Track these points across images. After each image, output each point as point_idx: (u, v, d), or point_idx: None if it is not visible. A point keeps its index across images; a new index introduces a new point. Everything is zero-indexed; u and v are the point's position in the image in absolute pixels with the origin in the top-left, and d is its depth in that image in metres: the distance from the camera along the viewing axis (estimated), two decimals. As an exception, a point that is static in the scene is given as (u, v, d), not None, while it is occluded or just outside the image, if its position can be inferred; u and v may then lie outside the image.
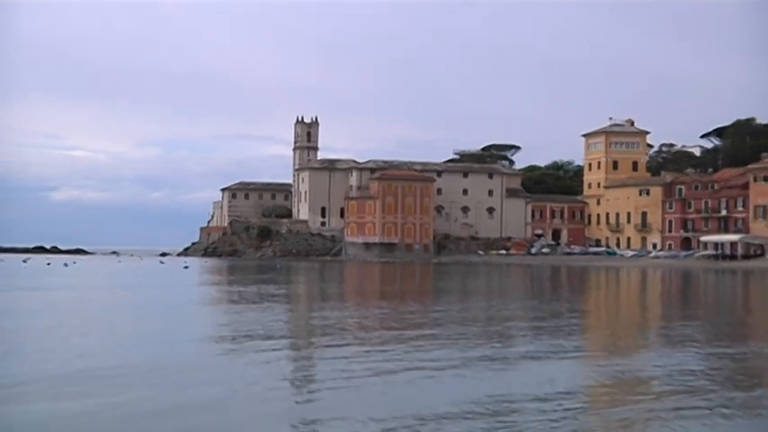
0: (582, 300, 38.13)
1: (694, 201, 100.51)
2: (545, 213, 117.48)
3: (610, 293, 45.98)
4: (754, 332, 22.17)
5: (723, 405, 9.63)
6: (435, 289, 44.74)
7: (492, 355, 14.56)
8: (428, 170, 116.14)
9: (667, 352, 15.75)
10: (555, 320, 23.42)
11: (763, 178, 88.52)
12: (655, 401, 10.09)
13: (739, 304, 36.75)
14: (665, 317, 28.06)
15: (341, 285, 49.73)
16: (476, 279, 56.86)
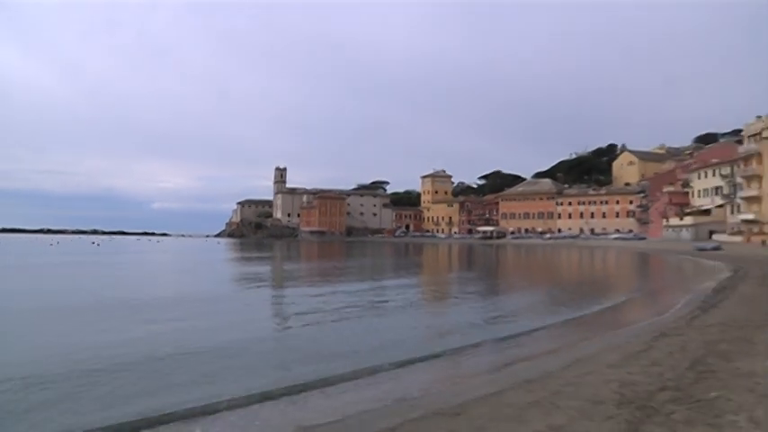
0: (419, 257, 73.28)
1: (474, 210, 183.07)
2: (402, 216, 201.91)
3: (432, 255, 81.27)
4: (502, 272, 46.85)
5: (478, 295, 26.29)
6: (348, 254, 79.87)
7: (376, 284, 32.16)
8: (343, 193, 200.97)
9: (465, 281, 35.59)
10: (405, 264, 55.07)
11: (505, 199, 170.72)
12: (454, 298, 26.28)
13: (494, 259, 69.71)
14: (461, 266, 54.79)
15: (299, 252, 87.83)
16: (366, 248, 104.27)
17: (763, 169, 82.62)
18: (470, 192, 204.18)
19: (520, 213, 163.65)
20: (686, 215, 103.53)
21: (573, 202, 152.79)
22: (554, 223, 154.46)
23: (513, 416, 7.03)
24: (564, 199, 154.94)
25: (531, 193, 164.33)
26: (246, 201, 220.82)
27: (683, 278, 35.22)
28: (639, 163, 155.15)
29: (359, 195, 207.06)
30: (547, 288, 31.50)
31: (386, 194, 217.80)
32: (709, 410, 6.46)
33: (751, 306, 17.00)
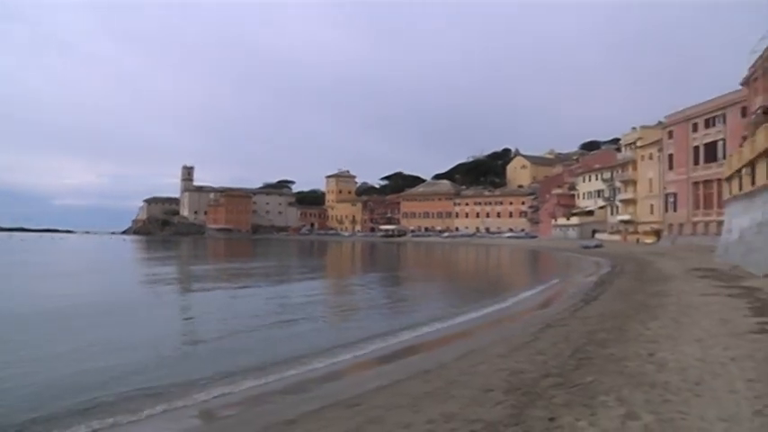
0: (324, 256, 74.24)
1: (376, 209, 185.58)
2: (307, 215, 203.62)
3: (337, 252, 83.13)
4: (404, 268, 50.44)
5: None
6: (254, 253, 76.65)
7: (282, 281, 33.75)
8: (250, 192, 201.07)
9: (368, 278, 36.72)
10: (311, 265, 51.94)
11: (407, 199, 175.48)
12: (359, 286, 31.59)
13: (395, 255, 74.80)
14: (366, 264, 56.90)
15: (205, 251, 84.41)
16: (272, 247, 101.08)
17: (638, 175, 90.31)
18: (373, 192, 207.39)
19: (420, 213, 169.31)
20: (572, 215, 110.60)
21: (470, 203, 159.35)
22: (452, 222, 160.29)
23: (409, 405, 7.28)
24: (462, 199, 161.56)
25: (430, 194, 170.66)
26: (153, 198, 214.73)
27: (569, 273, 38.19)
28: (531, 167, 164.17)
29: (265, 194, 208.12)
30: (446, 283, 34.07)
31: (292, 193, 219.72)
32: (585, 393, 6.75)
33: (625, 298, 18.46)
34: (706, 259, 35.59)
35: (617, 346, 9.65)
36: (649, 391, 6.44)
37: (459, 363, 10.17)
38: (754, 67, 48.98)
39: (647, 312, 13.68)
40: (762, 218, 25.97)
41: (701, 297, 15.93)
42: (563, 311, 16.93)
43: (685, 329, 10.51)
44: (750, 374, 6.75)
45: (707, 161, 67.54)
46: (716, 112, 67.05)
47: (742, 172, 32.46)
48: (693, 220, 69.24)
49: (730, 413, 5.41)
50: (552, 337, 11.74)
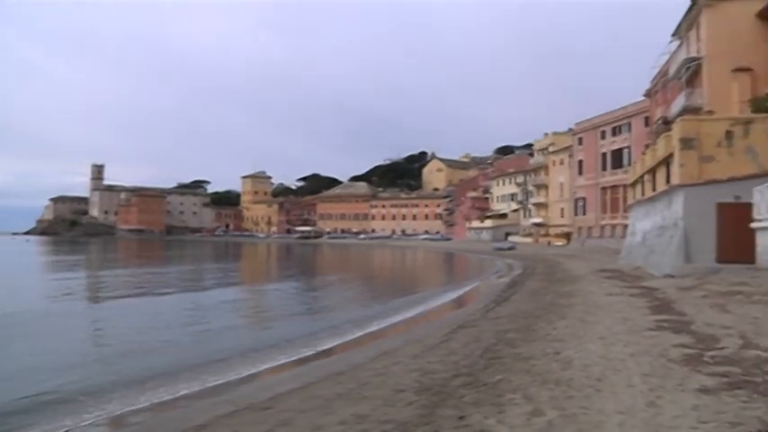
0: (239, 259, 70.20)
1: (293, 211, 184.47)
2: (222, 215, 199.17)
3: (252, 254, 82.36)
4: (321, 269, 51.85)
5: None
6: (167, 256, 73.30)
7: (197, 288, 31.69)
8: (164, 192, 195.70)
9: (285, 280, 37.08)
10: (225, 269, 47.79)
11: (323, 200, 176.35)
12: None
13: (311, 257, 73.33)
14: (280, 264, 58.49)
15: (116, 254, 77.90)
16: (186, 248, 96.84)
17: (549, 179, 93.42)
18: (290, 193, 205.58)
19: (337, 214, 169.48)
20: (487, 218, 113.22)
21: (386, 205, 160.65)
22: (369, 224, 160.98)
23: (321, 407, 7.31)
24: (378, 202, 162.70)
25: (347, 196, 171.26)
26: (61, 197, 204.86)
27: (482, 275, 38.94)
28: (447, 170, 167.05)
29: (179, 194, 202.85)
30: (363, 286, 33.98)
31: (206, 194, 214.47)
32: (493, 392, 6.86)
33: (536, 299, 18.93)
34: (612, 261, 37.12)
35: (525, 345, 9.87)
36: (554, 388, 6.67)
37: (372, 364, 10.22)
38: (655, 80, 51.64)
39: (556, 312, 14.13)
40: (662, 222, 27.36)
41: (606, 297, 16.60)
42: (475, 312, 17.25)
43: (590, 328, 10.94)
44: (646, 369, 7.13)
45: (614, 167, 70.56)
46: (622, 120, 70.21)
47: (644, 178, 34.12)
48: (601, 223, 72.13)
49: (627, 406, 5.69)
50: (464, 337, 11.94)
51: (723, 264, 20.81)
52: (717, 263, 21.34)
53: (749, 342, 8.20)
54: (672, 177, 26.18)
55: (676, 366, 7.17)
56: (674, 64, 42.40)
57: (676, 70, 41.02)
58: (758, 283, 15.71)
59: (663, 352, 8.04)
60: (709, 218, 22.57)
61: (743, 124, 24.39)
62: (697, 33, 38.00)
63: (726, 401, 5.53)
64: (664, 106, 46.20)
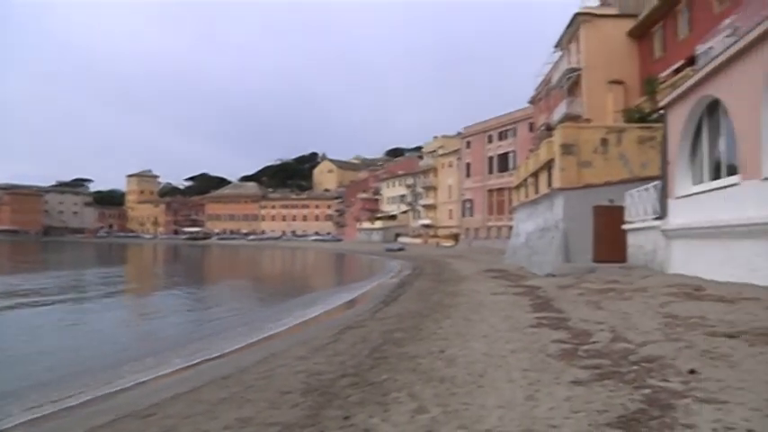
0: (123, 263, 63.94)
1: (180, 211, 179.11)
2: (106, 216, 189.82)
3: (137, 257, 76.95)
4: (206, 269, 52.01)
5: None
6: (42, 260, 63.45)
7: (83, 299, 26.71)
8: (40, 190, 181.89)
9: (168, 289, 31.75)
10: (109, 276, 41.04)
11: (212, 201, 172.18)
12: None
13: (200, 258, 71.81)
14: (167, 267, 56.02)
15: None
16: (65, 252, 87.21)
17: (438, 182, 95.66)
18: (177, 193, 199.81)
19: (226, 215, 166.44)
20: (377, 219, 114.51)
21: (277, 206, 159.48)
22: (259, 225, 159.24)
23: (205, 412, 7.19)
24: (268, 202, 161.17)
25: (237, 196, 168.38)
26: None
27: (372, 275, 39.04)
28: (338, 171, 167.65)
29: (59, 193, 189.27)
30: (251, 287, 33.57)
31: (89, 193, 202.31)
32: (379, 391, 6.86)
33: (423, 298, 19.05)
34: (497, 261, 38.40)
35: (412, 344, 9.95)
36: (438, 386, 6.76)
37: (258, 367, 10.12)
38: (539, 89, 53.98)
39: (442, 311, 14.37)
40: (544, 223, 28.61)
41: (491, 296, 17.08)
42: (364, 313, 17.28)
43: (474, 326, 11.21)
44: (525, 364, 7.39)
45: (500, 170, 73.17)
46: (508, 125, 72.93)
47: (528, 182, 35.56)
48: (488, 224, 74.55)
49: (506, 400, 5.87)
50: (352, 337, 11.90)
51: (599, 263, 21.98)
52: (593, 262, 22.53)
53: (618, 336, 8.69)
54: (553, 181, 27.44)
55: (553, 361, 7.45)
56: (556, 74, 44.52)
57: (558, 80, 43.10)
58: (628, 280, 16.67)
59: (542, 348, 8.34)
60: (586, 220, 23.82)
61: (616, 133, 25.95)
62: (577, 46, 40.08)
63: (595, 391, 5.82)
64: (547, 113, 48.37)
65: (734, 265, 13.55)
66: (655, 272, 18.01)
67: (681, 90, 17.24)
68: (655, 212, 19.18)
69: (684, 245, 16.91)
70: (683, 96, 17.11)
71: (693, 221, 16.00)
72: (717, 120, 15.73)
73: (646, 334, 8.61)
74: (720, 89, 14.85)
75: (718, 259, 14.52)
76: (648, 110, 28.46)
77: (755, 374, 5.94)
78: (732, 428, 4.48)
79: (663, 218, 18.29)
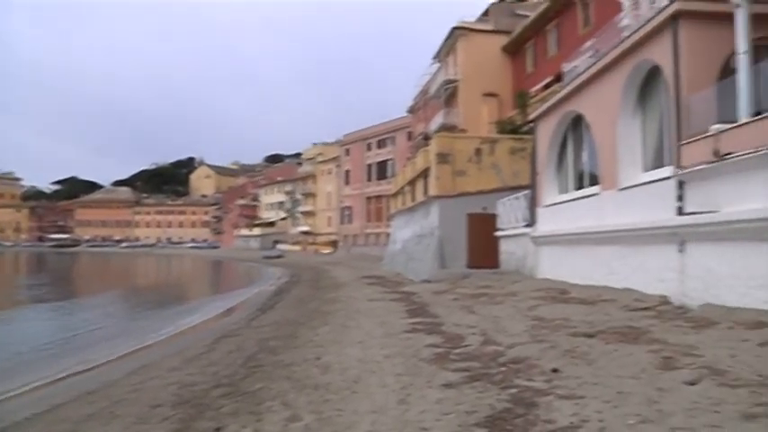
0: None
1: (46, 217, 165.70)
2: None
3: None
4: (75, 279, 48.73)
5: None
6: None
7: None
8: None
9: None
10: None
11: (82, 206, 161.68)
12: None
13: (66, 267, 66.56)
14: (30, 274, 53.33)
15: None
16: None
17: (317, 188, 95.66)
18: (43, 197, 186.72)
19: (97, 221, 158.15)
20: (255, 226, 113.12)
21: (151, 212, 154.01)
22: (132, 232, 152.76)
23: (68, 431, 6.88)
24: (143, 208, 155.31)
25: (109, 201, 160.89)
26: None
27: (250, 283, 38.44)
28: (216, 176, 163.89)
29: None
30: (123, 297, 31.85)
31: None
32: (253, 400, 6.79)
33: (301, 306, 18.97)
34: (375, 267, 38.76)
35: (287, 352, 9.89)
36: (312, 393, 6.75)
37: (127, 380, 9.67)
38: (418, 98, 55.21)
39: (319, 318, 14.34)
40: (420, 230, 29.22)
41: (368, 302, 17.21)
42: (240, 321, 16.96)
43: (350, 333, 11.26)
44: (399, 369, 7.50)
45: (378, 178, 74.10)
46: (387, 134, 74.06)
47: (405, 189, 36.23)
48: (366, 231, 75.23)
49: (379, 405, 5.95)
50: (227, 347, 11.68)
51: (473, 269, 22.72)
52: (468, 268, 23.26)
53: (489, 339, 9.02)
54: (429, 189, 28.12)
55: (426, 365, 7.62)
56: (434, 84, 45.70)
57: (436, 90, 44.26)
58: (500, 285, 17.35)
59: (415, 352, 8.51)
60: (461, 227, 24.57)
61: (490, 143, 27.00)
62: (454, 59, 41.35)
63: (465, 393, 6.00)
64: (425, 123, 49.52)
65: (595, 269, 14.42)
66: (525, 277, 18.85)
67: (548, 105, 18.21)
68: (525, 220, 20.10)
69: (551, 251, 17.81)
70: (550, 111, 18.07)
71: (559, 229, 16.90)
72: (580, 133, 16.73)
73: (514, 336, 9.00)
74: (583, 105, 15.81)
75: (581, 264, 15.40)
76: (520, 122, 29.75)
77: (609, 370, 6.39)
78: (587, 420, 4.78)
79: (532, 225, 19.19)
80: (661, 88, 12.18)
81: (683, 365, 6.25)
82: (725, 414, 4.60)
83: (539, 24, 35.61)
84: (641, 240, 12.40)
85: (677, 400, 5.08)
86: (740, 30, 9.91)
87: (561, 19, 33.21)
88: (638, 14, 14.76)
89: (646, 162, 13.04)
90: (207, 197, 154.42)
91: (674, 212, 10.97)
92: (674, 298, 10.84)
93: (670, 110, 11.37)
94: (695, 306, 10.00)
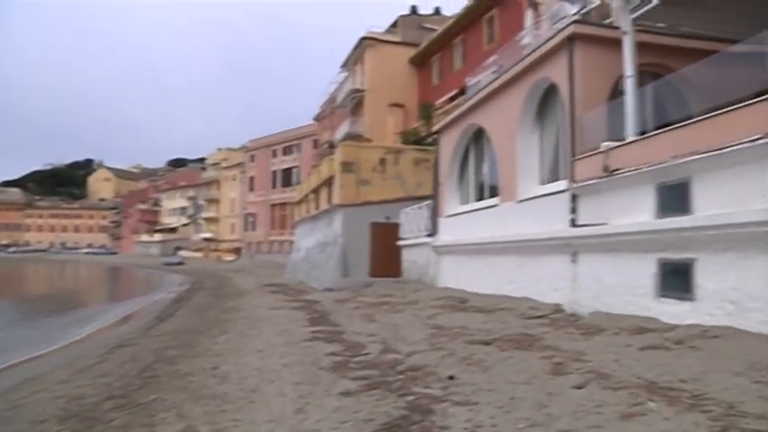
0: None
1: None
2: None
3: None
4: None
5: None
6: None
7: None
8: None
9: None
10: None
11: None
12: None
13: None
14: None
15: None
16: None
17: (221, 194, 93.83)
18: None
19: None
20: (156, 232, 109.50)
21: (45, 215, 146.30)
22: (23, 236, 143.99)
23: None
24: (35, 211, 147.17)
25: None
26: None
27: (149, 290, 37.22)
28: (115, 180, 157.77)
29: None
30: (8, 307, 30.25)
31: None
32: (146, 412, 6.58)
33: (201, 314, 18.55)
34: (279, 275, 38.39)
35: (185, 361, 9.60)
36: (209, 404, 6.61)
37: (10, 395, 8.98)
38: (325, 106, 55.27)
39: (219, 327, 14.05)
40: (324, 239, 29.16)
41: (270, 311, 17.03)
42: (136, 330, 16.46)
43: (250, 341, 11.11)
44: (298, 378, 7.47)
45: (284, 185, 73.51)
46: (293, 141, 73.66)
47: (309, 197, 36.12)
48: (270, 239, 74.40)
49: (277, 414, 5.90)
50: (121, 357, 11.27)
51: (375, 277, 22.87)
52: (370, 277, 23.39)
53: (389, 347, 9.11)
54: (333, 197, 28.16)
55: (325, 373, 7.62)
56: (341, 93, 45.87)
57: (343, 99, 44.44)
58: (402, 294, 17.58)
59: (315, 361, 8.49)
60: (364, 236, 24.69)
61: (394, 153, 27.34)
62: (362, 68, 41.66)
63: (363, 401, 6.03)
64: (331, 131, 49.58)
65: (494, 278, 14.85)
66: (426, 286, 19.15)
67: (451, 117, 18.64)
68: (427, 230, 20.43)
69: (453, 260, 18.20)
70: (453, 123, 18.51)
71: (460, 239, 17.29)
72: (482, 146, 17.23)
73: (413, 344, 9.13)
74: (484, 119, 16.29)
75: (481, 273, 15.82)
76: (424, 133, 30.30)
77: (503, 376, 6.60)
78: (480, 426, 4.92)
79: (434, 235, 19.54)
80: (557, 106, 12.73)
81: (572, 370, 6.53)
82: (606, 415, 4.85)
83: (445, 38, 36.45)
84: (538, 251, 12.88)
85: (565, 403, 5.30)
86: (627, 55, 10.54)
87: (467, 34, 34.13)
88: (539, 34, 15.42)
89: (543, 175, 13.58)
90: (106, 201, 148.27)
91: (568, 224, 11.46)
92: (567, 306, 11.30)
93: (565, 126, 11.90)
94: (586, 314, 10.47)
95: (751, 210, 7.40)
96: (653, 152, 9.21)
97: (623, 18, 10.72)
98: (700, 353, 6.78)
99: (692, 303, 8.45)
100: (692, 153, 8.32)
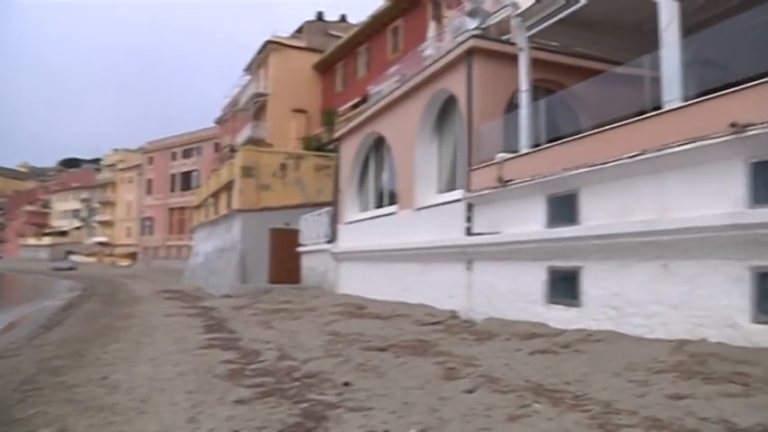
0: None
1: None
2: None
3: None
4: None
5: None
6: None
7: None
8: None
9: None
10: None
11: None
12: None
13: None
14: None
15: None
16: None
17: (117, 197, 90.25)
18: None
19: None
20: (45, 235, 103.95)
21: None
22: None
23: None
24: None
25: None
26: None
27: (36, 297, 34.88)
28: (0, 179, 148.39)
29: None
30: None
31: None
32: (25, 427, 6.22)
33: (92, 322, 17.73)
34: (176, 281, 37.31)
35: (71, 372, 9.13)
36: (96, 416, 6.31)
37: None
38: (227, 109, 54.30)
39: (111, 335, 13.49)
40: (222, 244, 28.61)
41: (165, 317, 16.52)
42: (19, 340, 15.34)
43: (143, 350, 10.73)
44: (191, 386, 7.27)
45: (183, 189, 71.61)
46: (194, 144, 71.93)
47: (209, 201, 35.34)
48: (168, 244, 72.26)
49: (168, 424, 5.73)
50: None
51: (275, 284, 22.64)
52: (269, 283, 23.12)
53: (285, 354, 9.03)
54: (232, 202, 27.68)
55: (220, 381, 7.46)
56: (244, 96, 45.25)
57: (246, 103, 43.85)
58: (300, 300, 17.48)
59: (209, 369, 8.29)
60: (263, 242, 24.39)
61: (295, 159, 27.23)
62: (266, 72, 41.26)
63: (257, 409, 5.95)
64: (232, 135, 48.75)
65: (392, 285, 15.01)
66: (325, 292, 19.12)
67: (353, 124, 18.76)
68: (326, 236, 20.42)
69: (352, 267, 18.26)
70: (354, 130, 18.61)
71: (359, 245, 17.38)
72: (382, 154, 17.41)
73: (310, 351, 9.10)
74: (385, 127, 16.47)
75: (379, 280, 15.95)
76: (326, 140, 30.29)
77: (397, 382, 6.68)
78: (373, 431, 4.96)
79: (333, 242, 19.55)
80: (456, 117, 13.05)
81: (464, 375, 6.70)
82: (495, 417, 5.00)
83: (350, 46, 36.63)
84: (435, 258, 13.12)
85: (456, 407, 5.42)
86: (523, 70, 10.95)
87: (372, 43, 34.43)
88: (441, 46, 15.76)
89: (440, 184, 13.87)
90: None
91: (464, 233, 11.74)
92: (462, 312, 11.57)
93: (463, 137, 12.21)
94: (480, 320, 10.74)
95: (631, 221, 7.85)
96: (544, 164, 9.59)
97: (520, 35, 11.13)
98: (583, 356, 7.12)
99: (578, 309, 8.85)
100: (579, 166, 8.73)
